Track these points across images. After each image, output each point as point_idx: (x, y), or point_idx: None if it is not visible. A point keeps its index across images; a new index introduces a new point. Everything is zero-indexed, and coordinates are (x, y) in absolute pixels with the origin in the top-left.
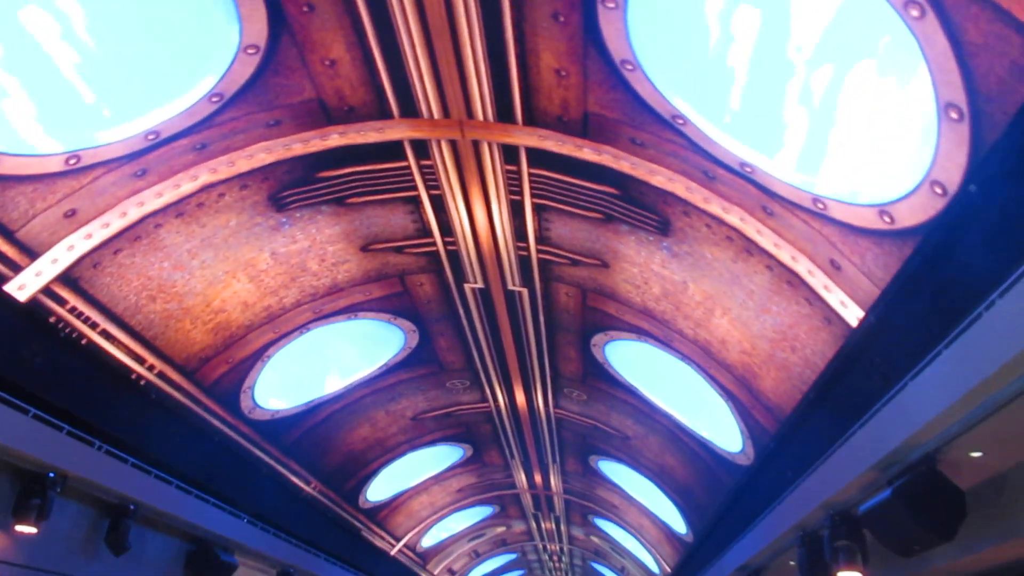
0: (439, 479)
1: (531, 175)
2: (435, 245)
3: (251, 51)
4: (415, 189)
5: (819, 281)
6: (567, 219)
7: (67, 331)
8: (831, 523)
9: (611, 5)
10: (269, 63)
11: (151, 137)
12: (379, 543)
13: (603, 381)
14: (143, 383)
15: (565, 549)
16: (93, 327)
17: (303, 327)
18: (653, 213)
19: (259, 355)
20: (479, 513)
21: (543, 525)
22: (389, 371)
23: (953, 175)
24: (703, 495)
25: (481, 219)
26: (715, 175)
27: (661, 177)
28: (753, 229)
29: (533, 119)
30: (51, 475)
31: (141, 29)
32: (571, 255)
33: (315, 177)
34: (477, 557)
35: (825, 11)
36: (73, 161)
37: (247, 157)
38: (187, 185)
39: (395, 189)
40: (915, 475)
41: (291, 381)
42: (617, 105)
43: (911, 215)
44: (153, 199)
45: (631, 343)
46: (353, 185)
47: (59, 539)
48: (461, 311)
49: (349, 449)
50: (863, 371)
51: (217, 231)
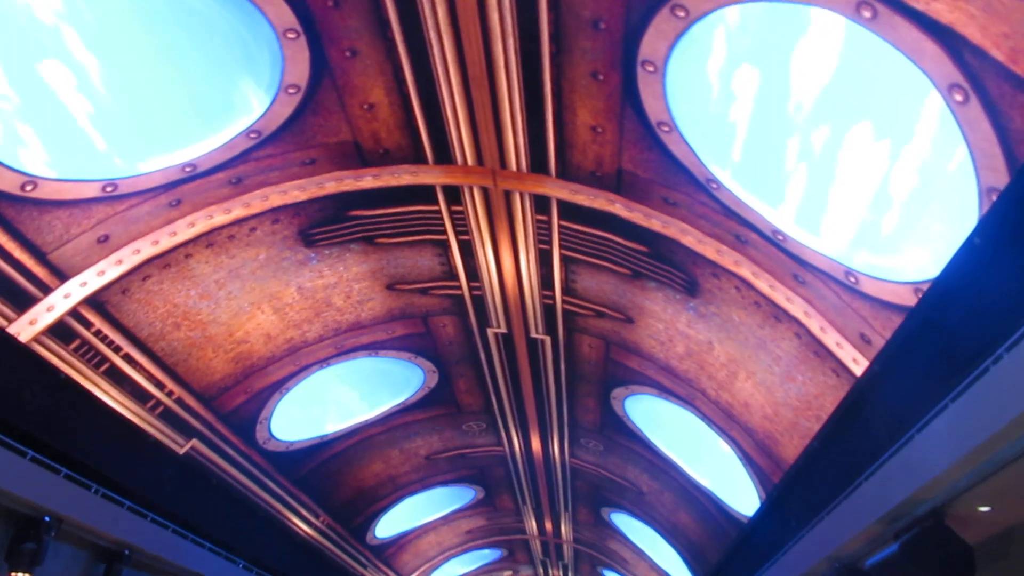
0: (449, 519)
1: (561, 227)
2: (460, 289)
3: (292, 91)
4: (444, 233)
5: (848, 354)
6: (594, 272)
7: (88, 355)
8: None
9: (650, 69)
10: (308, 103)
11: (188, 169)
12: None
13: (621, 434)
14: (140, 425)
15: None
16: (116, 351)
17: (324, 361)
18: (682, 272)
19: (278, 387)
20: (487, 556)
21: (551, 572)
22: (406, 409)
23: None
24: (716, 556)
25: (508, 266)
26: (747, 239)
27: (692, 238)
28: (783, 296)
29: (566, 172)
30: (47, 519)
31: (190, 66)
32: (596, 307)
33: (346, 215)
34: None
35: (880, 94)
36: (110, 189)
37: (281, 193)
38: (220, 217)
39: (424, 232)
40: (922, 529)
41: (308, 414)
42: (651, 165)
43: None
44: (185, 229)
45: (652, 398)
46: (383, 225)
47: None
48: (482, 355)
49: (360, 485)
50: (868, 422)
51: (246, 263)
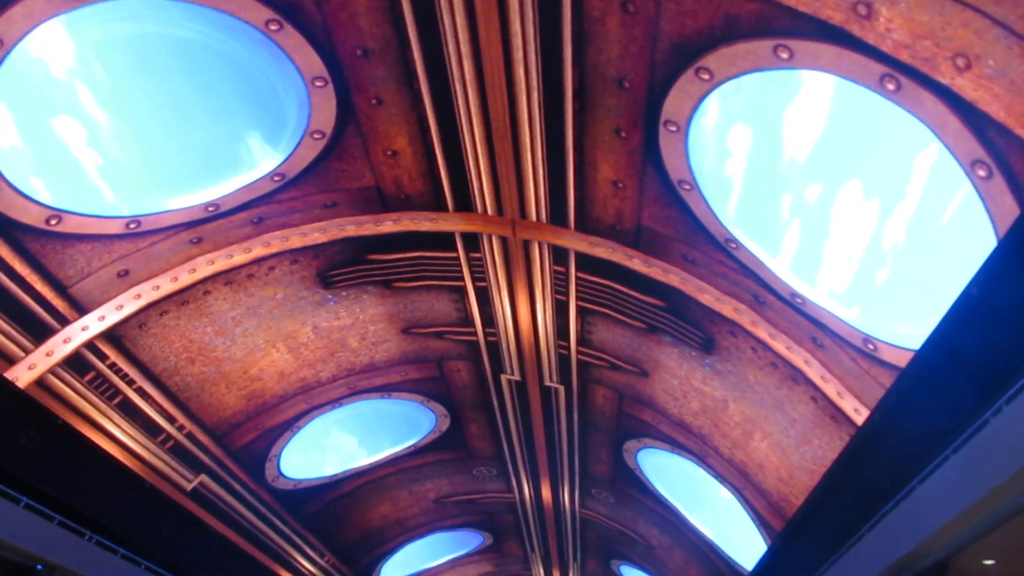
0: (455, 564)
1: (579, 278)
2: (476, 335)
3: (316, 136)
4: (462, 280)
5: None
6: (610, 324)
7: (102, 388)
8: None
9: (672, 128)
10: (333, 149)
11: (211, 209)
12: None
13: (633, 487)
14: (135, 473)
15: None
16: (130, 384)
17: (336, 401)
18: (698, 329)
19: (289, 425)
20: None
21: None
22: (417, 452)
23: None
24: None
25: (524, 314)
26: (765, 300)
27: (709, 296)
28: (800, 359)
29: (586, 225)
30: (39, 567)
31: (213, 111)
32: (611, 359)
33: (365, 259)
34: None
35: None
36: (133, 225)
37: (301, 235)
38: (240, 256)
39: (442, 277)
40: None
41: (318, 453)
42: (671, 222)
43: None
44: (205, 266)
45: (665, 453)
46: (401, 270)
47: None
48: (495, 401)
49: (368, 526)
50: (870, 472)
51: (263, 302)
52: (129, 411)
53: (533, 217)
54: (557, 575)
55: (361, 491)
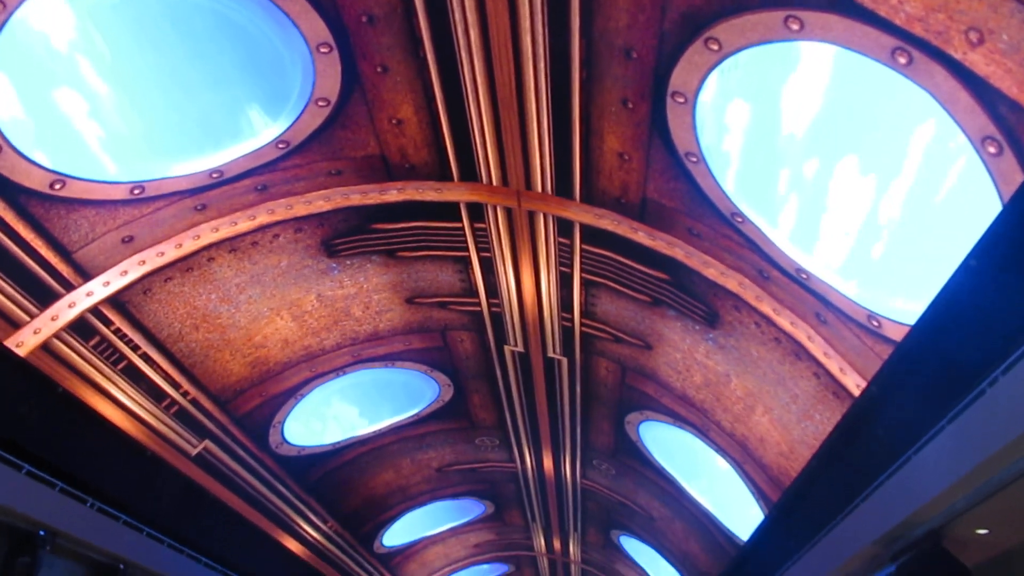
0: (457, 532)
1: (583, 251)
2: (480, 305)
3: (321, 103)
4: (466, 250)
5: None
6: (614, 297)
7: (107, 353)
8: None
9: (680, 100)
10: (337, 116)
11: (215, 175)
12: None
13: (634, 459)
14: (138, 440)
15: None
16: (135, 349)
17: (340, 370)
18: (702, 303)
19: (293, 392)
20: (493, 570)
21: None
22: (420, 421)
23: None
24: None
25: (528, 286)
26: (769, 275)
27: (714, 270)
28: (804, 335)
29: (591, 197)
30: (42, 533)
31: (214, 76)
32: (615, 332)
33: (369, 228)
34: None
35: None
36: (138, 191)
37: (306, 203)
38: (244, 223)
39: (447, 248)
40: (920, 551)
41: (322, 421)
42: (677, 195)
43: None
44: (209, 233)
45: (666, 426)
46: (406, 239)
47: None
48: (498, 372)
49: (370, 493)
50: (866, 443)
51: (267, 269)
52: (134, 376)
53: (538, 188)
54: (557, 544)
55: (364, 459)
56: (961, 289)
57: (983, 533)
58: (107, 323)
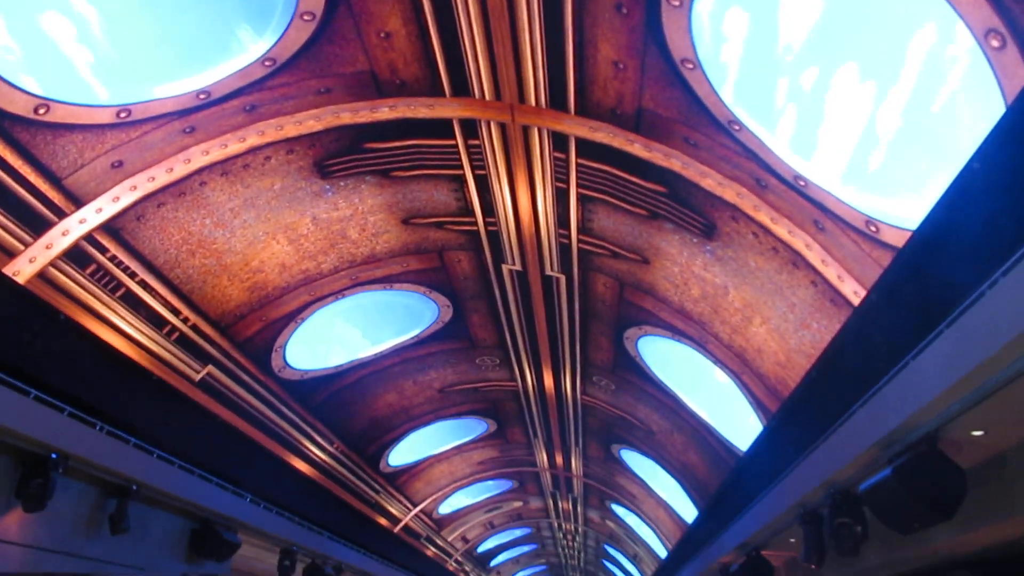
0: (461, 450)
1: (579, 165)
2: (476, 224)
3: (307, 18)
4: (461, 168)
5: None
6: (611, 211)
7: (104, 280)
8: (832, 502)
9: (675, 3)
10: (324, 31)
11: (202, 96)
12: (394, 509)
13: (633, 374)
14: (144, 365)
15: (580, 530)
16: (132, 276)
17: (339, 293)
18: (700, 215)
19: (293, 316)
20: (497, 487)
21: (560, 505)
22: (420, 343)
23: None
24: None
25: (524, 203)
26: (767, 184)
27: (711, 180)
28: (802, 243)
29: (586, 109)
30: (54, 456)
31: None
32: (612, 247)
33: (362, 147)
34: (492, 528)
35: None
36: (124, 114)
37: (296, 123)
38: (234, 146)
39: (441, 166)
40: (916, 454)
41: (323, 344)
42: (673, 103)
43: None
44: (200, 156)
45: (665, 340)
46: (399, 158)
47: (63, 519)
48: (497, 291)
49: (374, 414)
50: (865, 351)
51: (261, 193)
52: (133, 304)
53: (532, 102)
54: (560, 459)
55: (367, 381)
56: (964, 192)
57: (978, 435)
58: (103, 250)
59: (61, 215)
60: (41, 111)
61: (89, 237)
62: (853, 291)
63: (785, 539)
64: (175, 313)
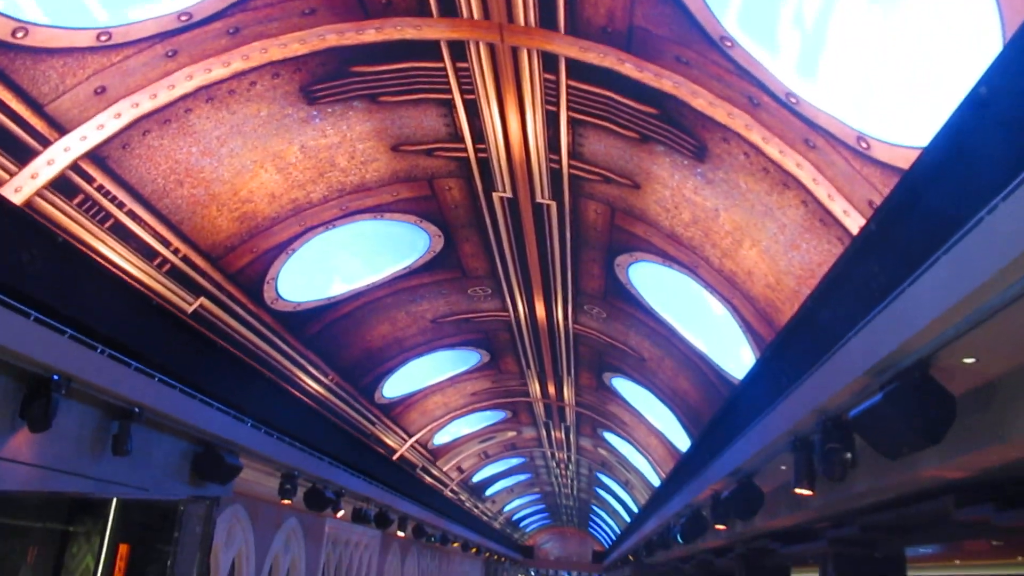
0: (455, 381)
1: (569, 87)
2: (466, 151)
3: None
4: (449, 92)
5: (854, 222)
6: (602, 135)
7: (92, 211)
8: (823, 428)
9: None
10: None
11: (184, 18)
12: (389, 440)
13: (624, 301)
14: (142, 288)
15: (572, 458)
16: (120, 207)
17: (329, 223)
18: (691, 136)
19: (284, 247)
20: (491, 417)
21: (553, 434)
22: (412, 273)
23: None
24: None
25: (514, 128)
26: (759, 102)
27: (703, 100)
28: (792, 162)
29: (576, 28)
30: (55, 378)
31: None
32: (603, 172)
33: (348, 71)
34: (486, 458)
35: None
36: (104, 38)
37: (280, 46)
38: (218, 70)
39: (429, 90)
40: (907, 380)
41: (315, 276)
42: (665, 20)
43: None
44: (184, 82)
45: (655, 266)
46: (387, 83)
47: (68, 440)
48: (488, 219)
49: (368, 346)
50: (862, 280)
51: (247, 120)
52: (123, 235)
53: (521, 21)
54: (552, 389)
55: (360, 312)
56: (968, 117)
57: (970, 362)
58: (89, 180)
59: (45, 143)
60: (19, 34)
61: (75, 166)
62: (843, 210)
63: (776, 466)
64: (165, 244)
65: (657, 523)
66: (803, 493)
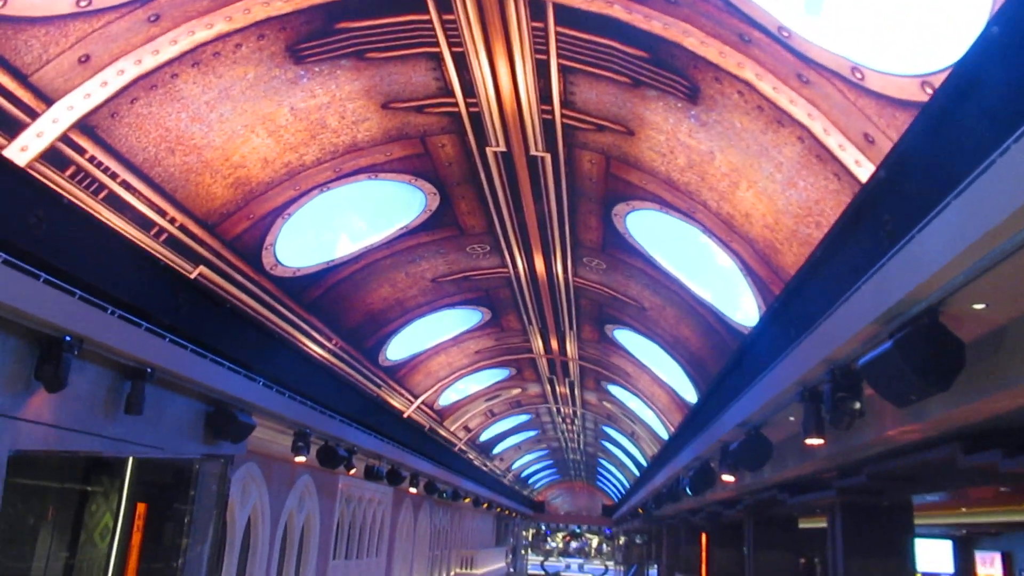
0: (457, 341)
1: (558, 34)
2: (457, 106)
3: None
4: (437, 45)
5: (850, 156)
6: (593, 82)
7: (85, 182)
8: (831, 378)
9: None
10: None
11: None
12: (396, 402)
13: (623, 251)
14: (149, 250)
15: (578, 413)
16: (113, 177)
17: (323, 185)
18: (683, 78)
19: (280, 212)
20: (495, 375)
21: (557, 389)
22: (409, 233)
23: None
24: (717, 367)
25: (505, 79)
26: (751, 39)
27: (694, 39)
28: (786, 99)
29: None
30: (67, 339)
31: None
32: (596, 121)
33: (334, 29)
34: (492, 416)
35: None
36: (84, 3)
37: (263, 4)
38: (202, 33)
39: (416, 44)
40: (917, 327)
41: (313, 240)
42: None
43: None
44: (168, 47)
45: (653, 213)
46: (373, 38)
47: (82, 400)
48: (483, 175)
49: (369, 309)
50: (872, 228)
51: (234, 83)
52: (118, 206)
53: None
54: (555, 344)
55: (359, 275)
56: (978, 59)
57: (980, 308)
58: (80, 151)
59: (33, 115)
60: None
61: (65, 138)
62: (839, 144)
63: (784, 417)
64: (161, 214)
65: (666, 476)
66: (813, 443)
